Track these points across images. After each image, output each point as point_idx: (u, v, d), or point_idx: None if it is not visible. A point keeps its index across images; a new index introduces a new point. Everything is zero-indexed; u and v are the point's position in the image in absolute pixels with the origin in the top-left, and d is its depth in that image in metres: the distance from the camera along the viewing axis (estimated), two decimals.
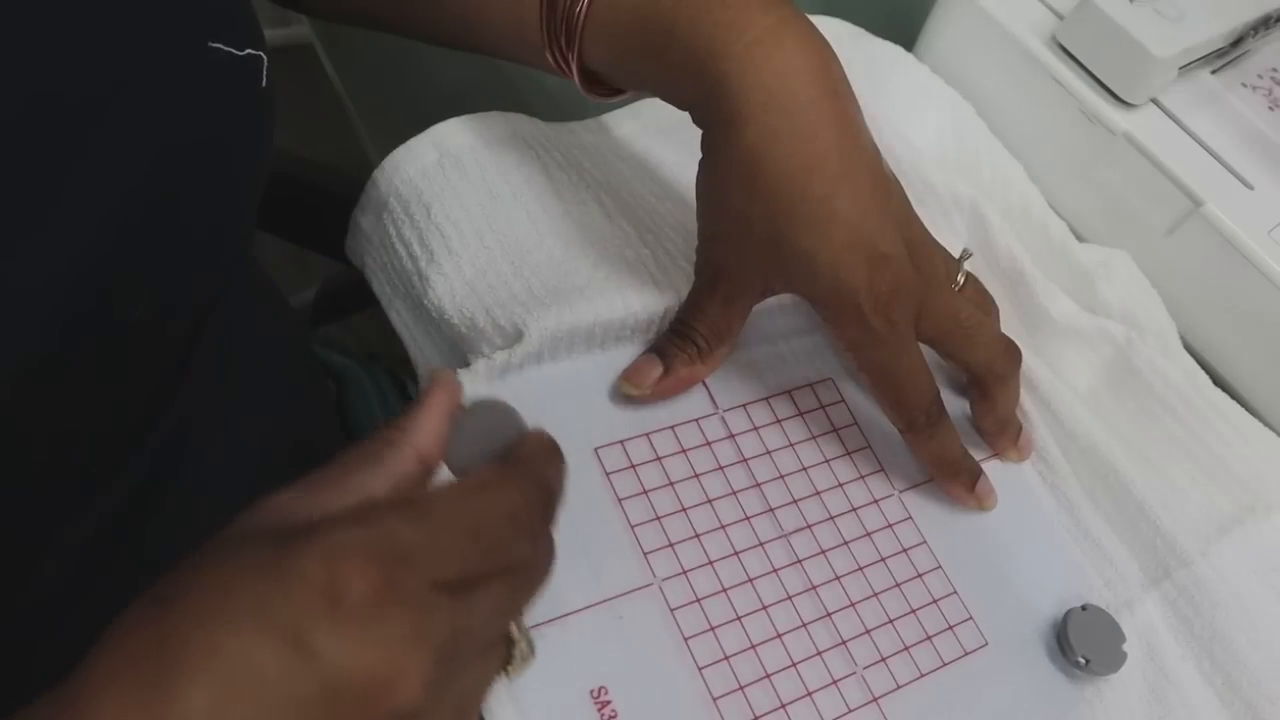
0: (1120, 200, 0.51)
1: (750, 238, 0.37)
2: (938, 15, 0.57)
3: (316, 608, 0.23)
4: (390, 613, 0.23)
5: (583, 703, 0.33)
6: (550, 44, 0.40)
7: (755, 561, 0.38)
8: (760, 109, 0.35)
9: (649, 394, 0.39)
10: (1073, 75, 0.51)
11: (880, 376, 0.39)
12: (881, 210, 0.37)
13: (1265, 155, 0.50)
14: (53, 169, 0.25)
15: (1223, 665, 0.39)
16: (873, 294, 0.36)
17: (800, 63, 0.36)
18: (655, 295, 0.41)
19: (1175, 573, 0.41)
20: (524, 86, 0.73)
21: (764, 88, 0.35)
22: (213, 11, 0.30)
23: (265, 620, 0.23)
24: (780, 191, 0.35)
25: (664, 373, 0.39)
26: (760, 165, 0.35)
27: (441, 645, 0.24)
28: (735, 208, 0.37)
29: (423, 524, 0.25)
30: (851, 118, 0.37)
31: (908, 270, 0.37)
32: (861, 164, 0.36)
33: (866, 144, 0.37)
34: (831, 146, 0.36)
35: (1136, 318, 0.48)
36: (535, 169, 0.44)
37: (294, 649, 0.22)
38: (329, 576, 0.23)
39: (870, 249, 0.36)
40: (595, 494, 0.37)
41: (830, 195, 0.35)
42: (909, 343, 0.38)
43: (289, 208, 0.58)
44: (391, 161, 0.43)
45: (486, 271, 0.40)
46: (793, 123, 0.35)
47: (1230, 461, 0.44)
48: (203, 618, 0.23)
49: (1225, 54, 0.52)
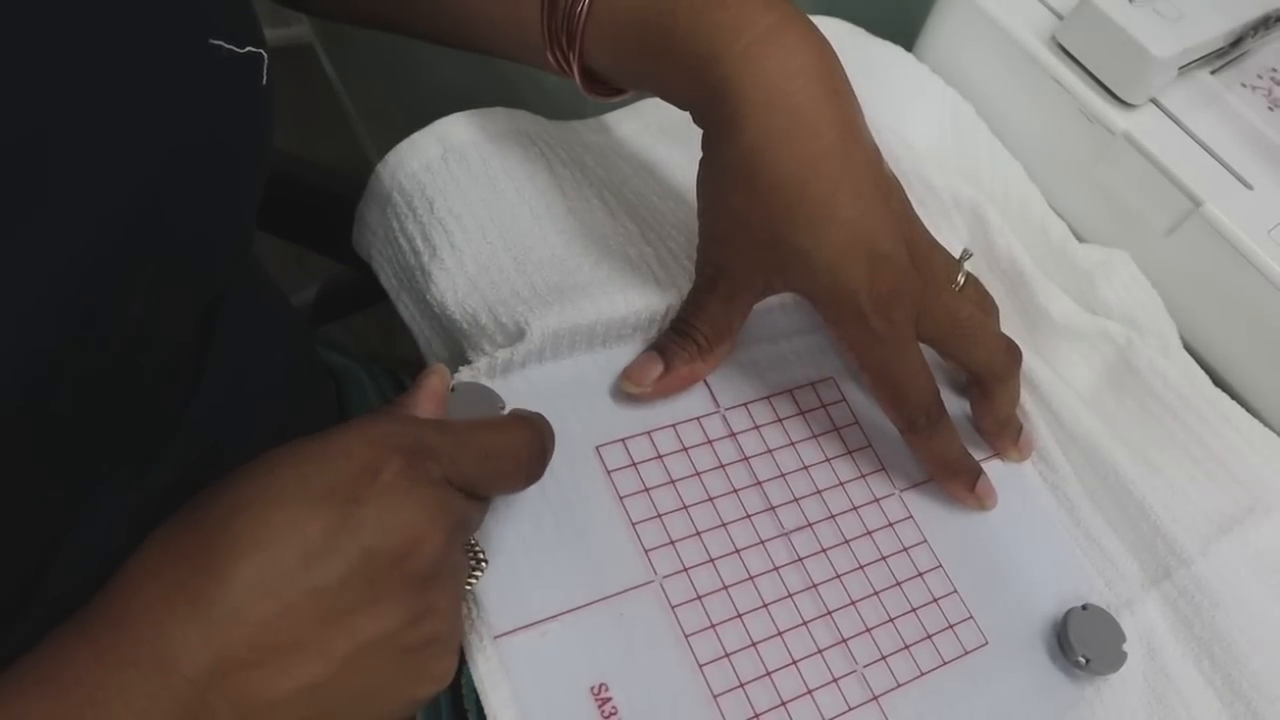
0: (1120, 200, 0.51)
1: (750, 237, 0.37)
2: (937, 15, 0.57)
3: (360, 479, 0.27)
4: (419, 489, 0.28)
5: (583, 699, 0.33)
6: (551, 44, 0.40)
7: (756, 559, 0.38)
8: (760, 109, 0.35)
9: (649, 392, 0.39)
10: (1072, 75, 0.51)
11: (880, 376, 0.39)
12: (882, 210, 0.37)
13: (1265, 155, 0.50)
14: (52, 167, 0.25)
15: (1222, 665, 0.39)
16: (873, 294, 0.36)
17: (800, 62, 0.36)
18: (657, 294, 0.41)
19: (1175, 573, 0.41)
20: (524, 86, 0.73)
21: (764, 88, 0.35)
22: (213, 9, 0.30)
23: (310, 492, 0.27)
24: (779, 192, 0.35)
25: (664, 371, 0.40)
26: (759, 165, 0.35)
27: (452, 527, 0.29)
28: (735, 208, 0.37)
29: (446, 435, 0.30)
30: (852, 118, 0.37)
31: (908, 270, 0.37)
32: (861, 164, 0.36)
33: (867, 144, 0.37)
34: (831, 146, 0.36)
35: (1136, 318, 0.48)
36: (538, 166, 0.44)
37: (339, 515, 0.27)
38: (371, 453, 0.27)
39: (870, 249, 0.36)
40: (596, 491, 0.37)
41: (830, 195, 0.35)
42: (909, 342, 0.38)
43: (289, 208, 0.58)
44: (395, 155, 0.43)
45: (489, 267, 0.40)
46: (792, 123, 0.35)
47: (1230, 462, 0.44)
48: (246, 501, 0.27)
49: (1225, 54, 0.52)
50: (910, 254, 0.37)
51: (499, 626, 0.33)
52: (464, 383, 0.37)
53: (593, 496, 0.37)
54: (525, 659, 0.33)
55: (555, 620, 0.34)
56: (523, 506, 0.36)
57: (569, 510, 0.37)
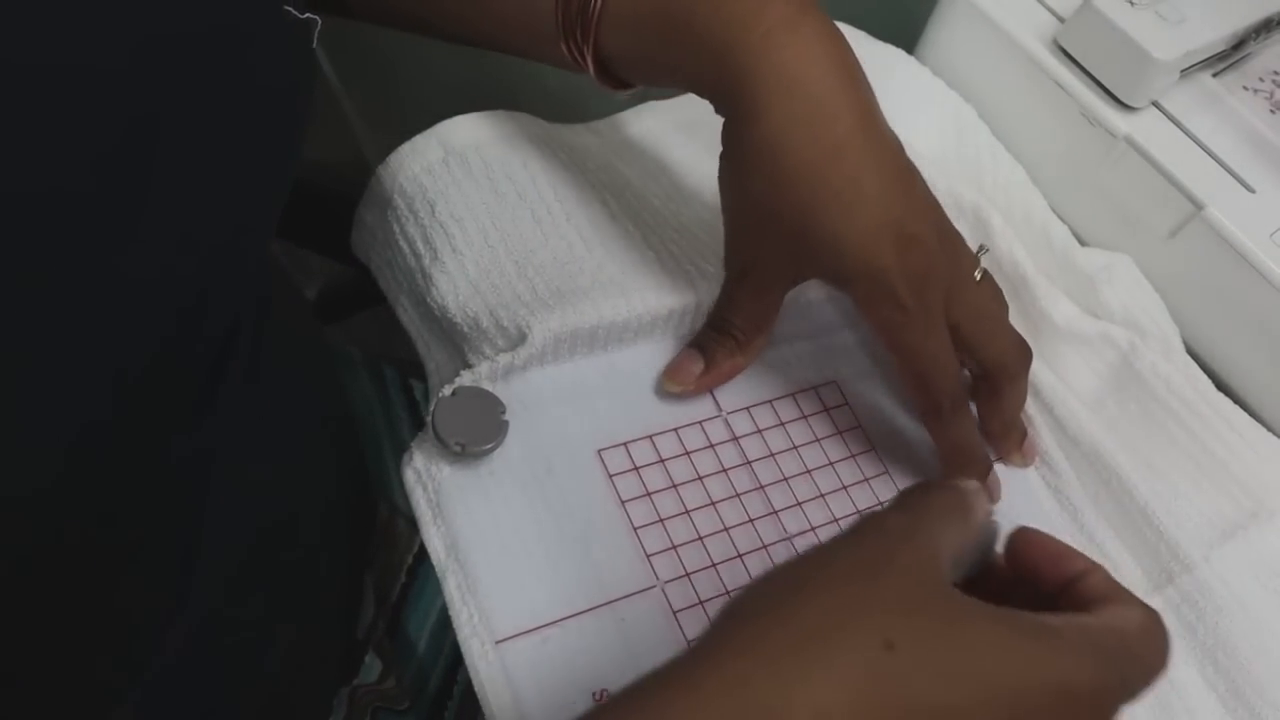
0: (1121, 203, 0.51)
1: (777, 226, 0.37)
2: (938, 18, 0.57)
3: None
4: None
5: (584, 705, 0.33)
6: (565, 34, 0.39)
7: (759, 564, 0.38)
8: (780, 96, 0.35)
9: (692, 389, 0.40)
10: (1074, 78, 0.51)
11: (912, 357, 0.38)
12: (908, 193, 0.37)
13: (1267, 158, 0.50)
14: (158, 172, 0.25)
15: (1226, 671, 0.39)
16: (904, 273, 0.36)
17: (818, 50, 0.36)
18: (659, 297, 0.41)
19: (1178, 578, 0.41)
20: (524, 88, 0.73)
21: (783, 76, 0.35)
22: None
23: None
24: (804, 177, 0.35)
25: (706, 367, 0.40)
26: (782, 152, 0.35)
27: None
28: (760, 197, 0.37)
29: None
30: (871, 105, 0.37)
31: (938, 251, 0.37)
32: (884, 148, 0.36)
33: (887, 131, 0.37)
34: (853, 131, 0.35)
35: (1139, 322, 0.48)
36: (540, 169, 0.44)
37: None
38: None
39: (899, 229, 0.36)
40: (598, 496, 0.37)
41: (855, 178, 0.35)
42: (939, 324, 0.38)
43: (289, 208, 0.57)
44: (396, 158, 0.43)
45: (490, 271, 0.40)
46: (813, 109, 0.35)
47: (1234, 466, 0.44)
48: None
49: (1226, 57, 0.52)
50: (938, 238, 0.37)
51: (500, 631, 0.33)
52: (464, 387, 0.37)
53: (594, 501, 0.37)
54: (526, 664, 0.33)
55: (557, 625, 0.34)
56: (524, 511, 0.36)
57: (570, 515, 0.37)
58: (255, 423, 0.37)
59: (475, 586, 0.34)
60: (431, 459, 0.36)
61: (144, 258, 0.25)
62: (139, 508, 0.30)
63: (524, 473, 0.37)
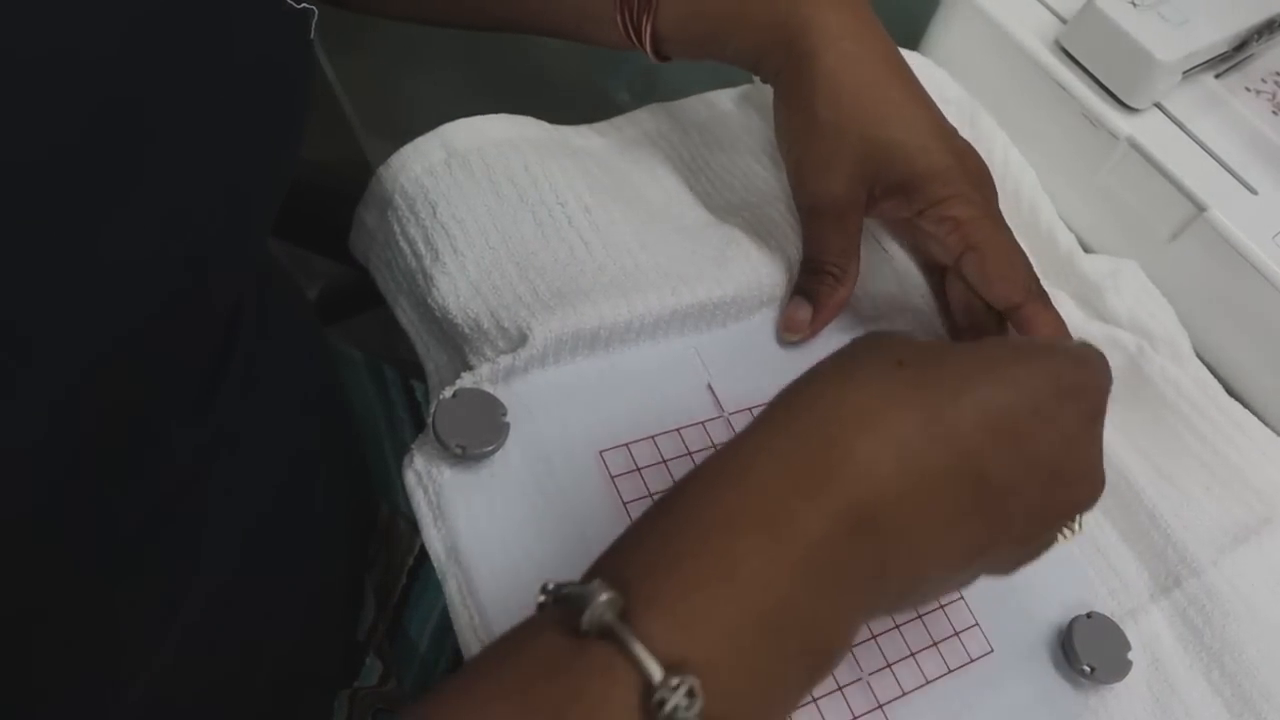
0: (1123, 205, 0.51)
1: (845, 148, 0.40)
2: (940, 19, 0.57)
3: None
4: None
5: None
6: (622, 7, 0.42)
7: None
8: (835, 38, 0.40)
9: (809, 334, 0.43)
10: (1076, 79, 0.51)
11: (993, 249, 0.40)
12: (946, 120, 0.42)
13: (1269, 159, 0.50)
14: (149, 155, 0.25)
15: (1233, 676, 0.39)
16: (966, 172, 0.40)
17: (867, 15, 0.42)
18: (660, 298, 0.41)
19: (1186, 582, 0.40)
20: (525, 90, 0.73)
21: (835, 24, 0.40)
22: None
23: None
24: (864, 95, 0.40)
25: (815, 309, 0.43)
26: (843, 78, 0.40)
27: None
28: (825, 120, 0.41)
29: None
30: (908, 66, 0.42)
31: (981, 160, 0.42)
32: (923, 89, 0.42)
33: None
34: (901, 65, 0.42)
35: (1147, 327, 0.48)
36: (542, 171, 0.44)
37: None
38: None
39: (951, 140, 0.41)
40: (599, 497, 0.37)
41: (909, 97, 0.41)
42: (1002, 218, 0.41)
43: (288, 208, 0.57)
44: (398, 159, 0.43)
45: (491, 272, 0.40)
46: (864, 47, 0.41)
47: (1245, 471, 0.44)
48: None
49: (1229, 58, 0.52)
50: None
51: (501, 632, 0.33)
52: (465, 389, 0.37)
53: (596, 502, 0.37)
54: None
55: None
56: (525, 513, 0.36)
57: (572, 516, 0.36)
58: (256, 422, 0.37)
59: (476, 588, 0.34)
60: (432, 461, 0.36)
61: (133, 238, 0.25)
62: (139, 506, 0.30)
63: (525, 474, 0.37)
